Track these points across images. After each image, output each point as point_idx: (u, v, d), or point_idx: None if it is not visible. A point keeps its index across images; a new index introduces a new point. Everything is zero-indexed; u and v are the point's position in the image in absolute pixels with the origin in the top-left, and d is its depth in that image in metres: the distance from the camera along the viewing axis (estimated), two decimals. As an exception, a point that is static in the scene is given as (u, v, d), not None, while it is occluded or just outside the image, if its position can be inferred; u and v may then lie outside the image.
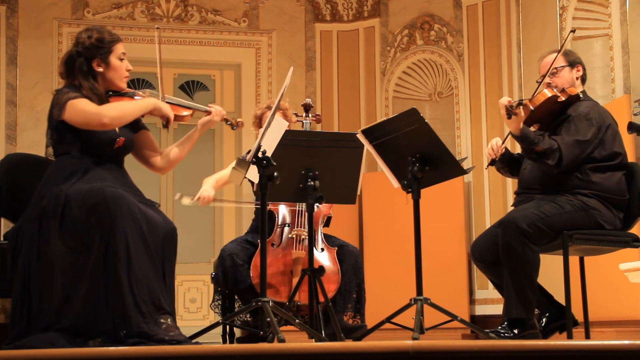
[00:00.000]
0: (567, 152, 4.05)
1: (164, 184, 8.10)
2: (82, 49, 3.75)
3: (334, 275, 4.56)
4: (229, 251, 4.57)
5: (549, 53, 4.39)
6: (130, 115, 3.71)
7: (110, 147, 3.72)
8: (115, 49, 3.79)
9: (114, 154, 3.76)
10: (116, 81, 3.80)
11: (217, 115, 3.95)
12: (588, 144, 4.11)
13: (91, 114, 3.61)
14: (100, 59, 3.76)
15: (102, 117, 3.60)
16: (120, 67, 3.80)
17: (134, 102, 3.76)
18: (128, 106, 3.72)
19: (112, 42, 3.80)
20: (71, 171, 3.63)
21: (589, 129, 4.12)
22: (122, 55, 3.81)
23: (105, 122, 3.61)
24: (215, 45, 8.26)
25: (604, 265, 5.15)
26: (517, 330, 4.01)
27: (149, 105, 3.76)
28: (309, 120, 4.76)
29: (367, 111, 8.37)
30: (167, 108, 3.79)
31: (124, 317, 3.39)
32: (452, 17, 8.18)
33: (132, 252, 3.45)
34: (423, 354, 2.66)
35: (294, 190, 4.02)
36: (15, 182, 4.16)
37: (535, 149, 4.05)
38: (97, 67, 3.76)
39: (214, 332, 3.88)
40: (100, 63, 3.76)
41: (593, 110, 4.18)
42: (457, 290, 7.53)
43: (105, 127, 3.64)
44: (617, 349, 2.65)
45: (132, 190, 3.70)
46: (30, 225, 3.56)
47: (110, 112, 3.63)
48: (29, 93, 7.67)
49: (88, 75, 3.74)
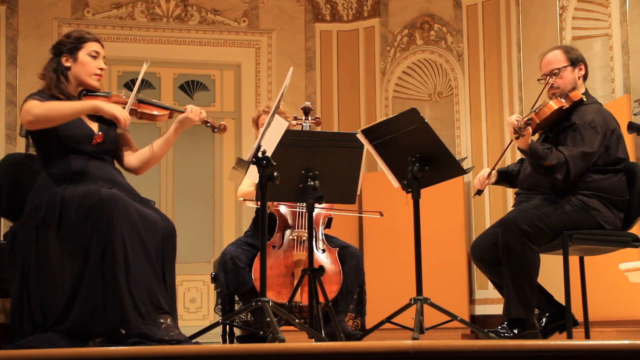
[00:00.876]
0: (575, 166, 4.02)
1: (163, 184, 8.10)
2: (58, 46, 3.79)
3: (336, 276, 4.56)
4: (230, 254, 4.56)
5: (550, 50, 4.36)
6: (60, 116, 3.58)
7: (88, 144, 3.67)
8: (86, 45, 3.77)
9: (99, 152, 3.71)
10: (83, 77, 3.76)
11: (194, 114, 3.83)
12: (594, 155, 4.09)
13: (23, 113, 3.60)
14: (69, 53, 3.76)
15: (29, 114, 3.56)
16: (88, 63, 3.76)
17: (70, 103, 3.65)
18: (60, 106, 3.61)
19: (84, 38, 3.78)
20: (63, 174, 3.62)
21: (595, 138, 4.08)
22: (95, 53, 3.78)
23: (30, 119, 3.56)
24: (215, 45, 8.26)
25: (604, 265, 5.15)
26: (517, 330, 4.01)
27: (87, 106, 3.64)
28: (309, 123, 4.77)
29: (367, 111, 8.37)
30: (117, 109, 3.61)
31: (122, 318, 3.39)
32: (452, 17, 8.18)
33: (129, 254, 3.45)
34: (423, 354, 2.66)
35: (294, 190, 4.02)
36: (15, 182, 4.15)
37: (544, 164, 4.03)
38: (65, 62, 3.76)
39: (214, 332, 3.87)
40: (69, 58, 3.76)
41: (597, 117, 4.14)
42: (457, 290, 7.53)
43: (31, 125, 3.58)
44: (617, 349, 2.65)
45: (126, 190, 3.67)
46: (26, 234, 3.56)
47: (37, 109, 3.57)
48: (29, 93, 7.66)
49: (57, 71, 3.75)
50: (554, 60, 4.25)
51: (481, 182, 4.33)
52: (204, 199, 8.22)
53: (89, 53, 3.77)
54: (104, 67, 3.80)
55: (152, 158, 3.87)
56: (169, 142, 3.88)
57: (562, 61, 4.26)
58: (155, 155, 3.87)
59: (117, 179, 3.73)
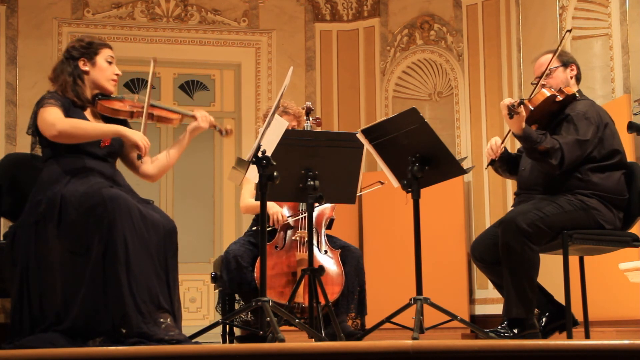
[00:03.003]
0: (569, 152, 4.05)
1: (164, 184, 8.10)
2: (71, 50, 3.84)
3: (338, 277, 4.57)
4: (233, 253, 4.56)
5: (542, 54, 4.41)
6: (84, 136, 3.65)
7: (96, 146, 3.73)
8: (102, 51, 3.86)
9: (104, 154, 3.76)
10: (102, 81, 3.83)
11: (204, 121, 3.95)
12: (589, 144, 4.12)
13: (46, 123, 3.63)
14: (87, 58, 3.82)
15: (54, 128, 3.60)
16: (106, 68, 3.85)
17: (95, 125, 3.73)
18: (86, 127, 3.68)
19: (100, 45, 3.87)
20: (63, 172, 3.65)
21: (588, 128, 4.12)
22: (110, 58, 3.87)
23: (54, 134, 3.61)
24: (215, 45, 8.26)
25: (604, 265, 5.15)
26: (517, 330, 4.01)
27: (111, 131, 3.71)
28: (310, 124, 4.79)
29: (367, 111, 8.37)
30: (138, 136, 3.70)
31: (123, 317, 3.39)
32: (452, 17, 8.18)
33: (131, 253, 3.45)
34: (423, 354, 2.66)
35: (294, 190, 4.02)
36: (15, 182, 4.16)
37: (538, 148, 4.06)
38: (82, 67, 3.82)
39: (214, 332, 3.87)
40: (87, 62, 3.82)
41: (591, 109, 4.20)
42: (457, 290, 7.53)
43: (55, 138, 3.62)
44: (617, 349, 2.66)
45: (129, 191, 3.70)
46: (26, 231, 3.57)
47: (63, 125, 3.61)
48: (29, 93, 7.66)
49: (73, 74, 3.79)
50: (545, 62, 4.30)
51: (494, 150, 4.32)
52: (204, 199, 8.22)
53: (105, 59, 3.85)
54: (119, 73, 3.89)
55: (167, 165, 3.98)
56: (182, 149, 4.00)
57: (554, 62, 4.31)
58: (171, 162, 3.99)
59: (119, 179, 3.77)
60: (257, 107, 8.13)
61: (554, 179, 4.15)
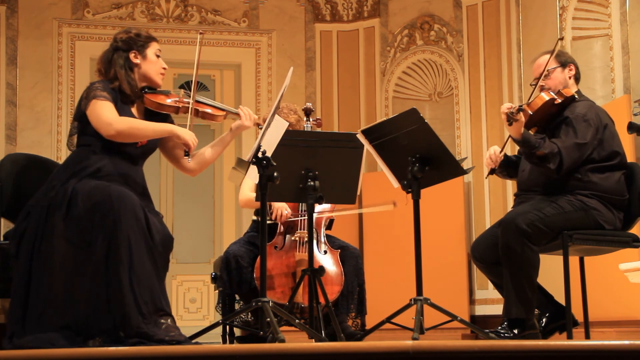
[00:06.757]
0: (568, 155, 4.05)
1: (163, 184, 8.10)
2: (121, 42, 3.82)
3: (338, 277, 4.57)
4: (233, 253, 4.56)
5: (540, 55, 4.41)
6: (140, 135, 3.68)
7: (132, 146, 3.73)
8: (152, 44, 3.86)
9: (138, 154, 3.77)
10: (152, 75, 3.84)
11: (249, 119, 3.93)
12: (588, 146, 4.12)
13: (103, 122, 3.61)
14: (138, 51, 3.82)
15: (111, 128, 3.60)
16: (157, 61, 3.86)
17: (150, 124, 3.73)
18: (142, 125, 3.70)
19: (149, 37, 3.87)
20: (85, 165, 3.63)
21: (587, 131, 4.12)
22: (158, 52, 3.88)
23: (112, 134, 3.61)
24: (215, 45, 8.26)
25: (604, 265, 5.15)
26: (517, 330, 4.01)
27: (166, 131, 3.74)
28: (310, 124, 4.78)
29: (367, 111, 8.37)
30: (188, 135, 3.74)
31: (124, 317, 3.39)
32: (452, 17, 8.18)
33: (134, 253, 3.45)
34: (423, 354, 2.66)
35: (294, 191, 4.02)
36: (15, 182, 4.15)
37: (536, 153, 4.05)
38: (134, 59, 3.81)
39: (214, 332, 3.88)
40: (137, 55, 3.82)
41: (590, 111, 4.19)
42: (457, 290, 7.53)
43: (112, 138, 3.63)
44: (617, 349, 2.66)
45: (141, 192, 3.71)
46: (38, 211, 3.56)
47: (121, 125, 3.62)
48: (29, 93, 7.67)
49: (125, 66, 3.78)
50: (543, 63, 4.29)
51: (494, 159, 4.32)
52: (204, 199, 8.23)
53: (154, 52, 3.86)
54: (166, 67, 3.91)
55: (209, 159, 3.98)
56: (224, 146, 4.01)
57: (552, 63, 4.31)
58: (213, 157, 3.99)
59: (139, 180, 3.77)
60: (257, 107, 8.13)
61: (554, 179, 4.15)
